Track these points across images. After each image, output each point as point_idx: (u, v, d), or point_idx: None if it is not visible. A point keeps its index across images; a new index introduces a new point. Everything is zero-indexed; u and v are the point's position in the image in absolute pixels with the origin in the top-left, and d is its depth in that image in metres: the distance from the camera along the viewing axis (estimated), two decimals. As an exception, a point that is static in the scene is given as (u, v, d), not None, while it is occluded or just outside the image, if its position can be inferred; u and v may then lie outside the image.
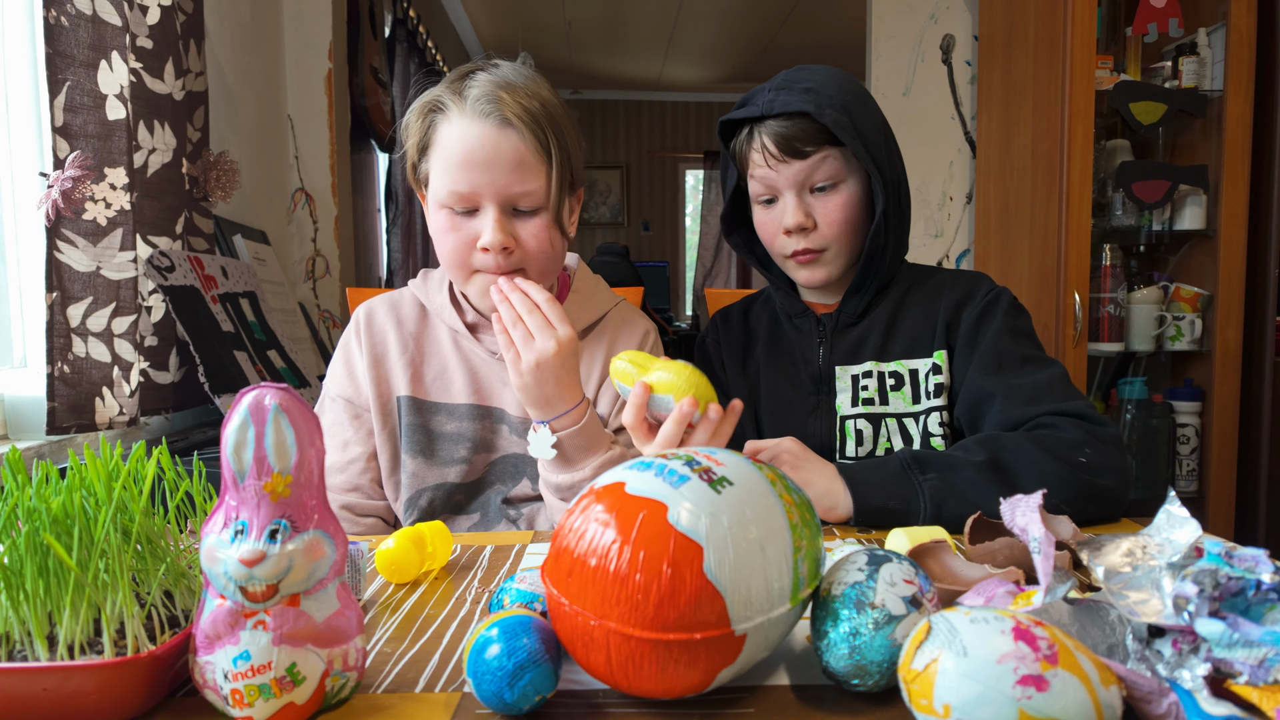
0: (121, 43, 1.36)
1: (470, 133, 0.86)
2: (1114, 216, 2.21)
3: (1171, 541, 0.54)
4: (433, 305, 1.03)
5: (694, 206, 7.24)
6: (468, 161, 0.87)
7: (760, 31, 5.17)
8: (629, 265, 4.40)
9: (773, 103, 0.95)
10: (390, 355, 1.01)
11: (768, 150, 0.96)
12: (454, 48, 4.71)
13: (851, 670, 0.45)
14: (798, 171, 0.96)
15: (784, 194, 0.98)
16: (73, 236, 1.29)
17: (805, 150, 0.95)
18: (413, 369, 1.00)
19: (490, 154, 0.86)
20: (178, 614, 0.54)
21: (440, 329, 1.02)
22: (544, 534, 0.86)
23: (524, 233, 0.90)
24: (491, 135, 0.86)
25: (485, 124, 0.86)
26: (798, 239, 0.99)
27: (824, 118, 0.93)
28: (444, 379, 1.00)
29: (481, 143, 0.86)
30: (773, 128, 0.95)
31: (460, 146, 0.87)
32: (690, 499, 0.45)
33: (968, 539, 0.66)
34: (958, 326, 0.99)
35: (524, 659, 0.44)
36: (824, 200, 0.98)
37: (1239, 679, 0.41)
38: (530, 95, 0.89)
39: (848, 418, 1.00)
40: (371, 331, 1.02)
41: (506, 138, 0.87)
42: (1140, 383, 2.22)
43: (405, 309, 1.04)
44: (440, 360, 1.01)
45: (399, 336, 1.01)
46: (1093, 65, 2.05)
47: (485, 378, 1.00)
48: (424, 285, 1.05)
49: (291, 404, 0.45)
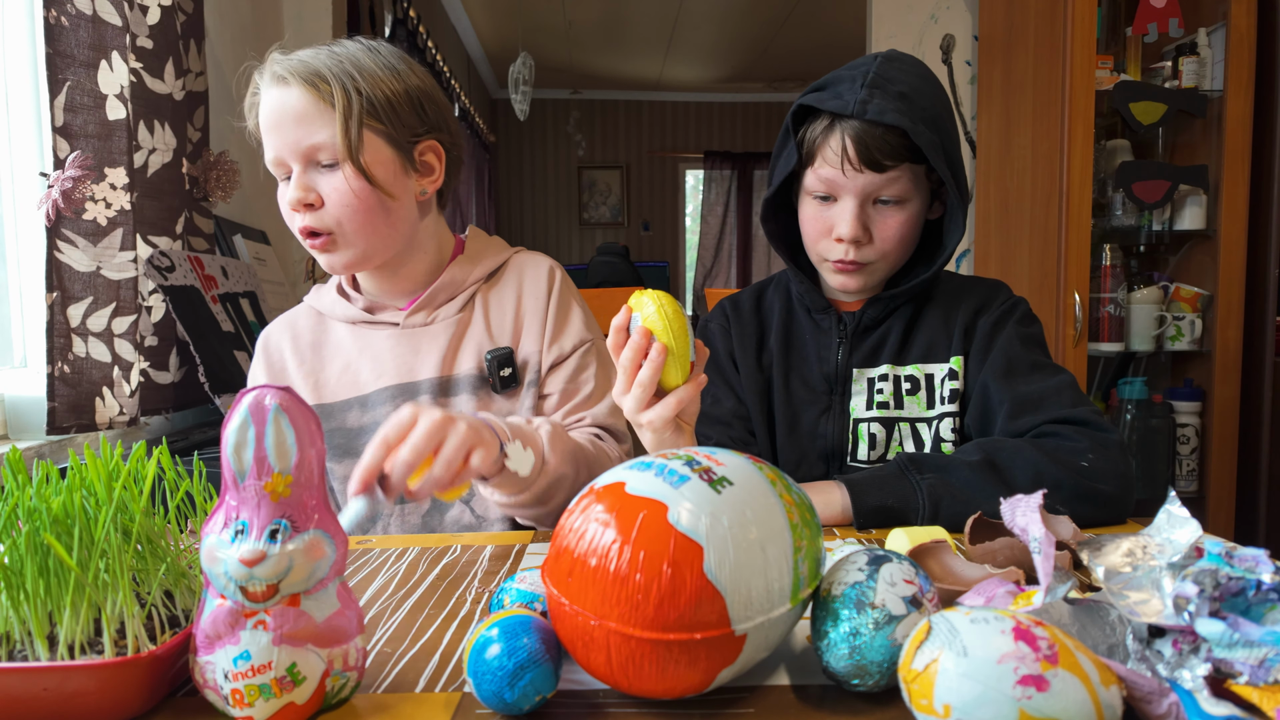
0: (122, 43, 1.36)
1: (267, 100, 0.89)
2: (1114, 216, 2.21)
3: (1172, 541, 0.54)
4: (324, 306, 1.03)
5: (694, 206, 7.24)
6: (266, 127, 0.89)
7: (760, 31, 5.17)
8: (629, 265, 4.40)
9: (865, 105, 0.87)
10: (289, 372, 1.01)
11: (846, 155, 0.89)
12: (454, 48, 4.71)
13: (851, 670, 0.45)
14: (868, 182, 0.90)
15: (844, 199, 0.92)
16: (73, 236, 1.29)
17: (885, 165, 0.89)
18: (313, 378, 1.00)
19: (277, 115, 0.88)
20: (178, 614, 0.54)
21: (337, 329, 1.02)
22: (544, 534, 0.86)
23: (325, 186, 0.89)
24: (276, 96, 0.88)
25: (273, 88, 0.89)
26: (848, 249, 0.93)
27: (919, 137, 0.86)
28: (349, 374, 0.99)
29: (269, 106, 0.88)
30: (859, 132, 0.88)
31: (262, 118, 0.90)
32: (690, 499, 0.45)
33: (968, 539, 0.66)
34: (974, 333, 0.98)
35: (524, 659, 0.44)
36: (886, 215, 0.92)
37: (1239, 679, 0.41)
38: (323, 54, 0.90)
39: (861, 420, 0.98)
40: (268, 354, 1.03)
41: (288, 94, 0.88)
42: (1140, 383, 2.22)
43: (301, 322, 1.04)
44: (342, 358, 1.00)
45: (295, 351, 1.02)
46: (1093, 65, 2.05)
47: (388, 357, 0.98)
48: (316, 295, 1.06)
49: (292, 404, 0.45)
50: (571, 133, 6.86)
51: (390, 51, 0.94)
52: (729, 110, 6.94)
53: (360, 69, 0.90)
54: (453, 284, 0.99)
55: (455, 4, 4.54)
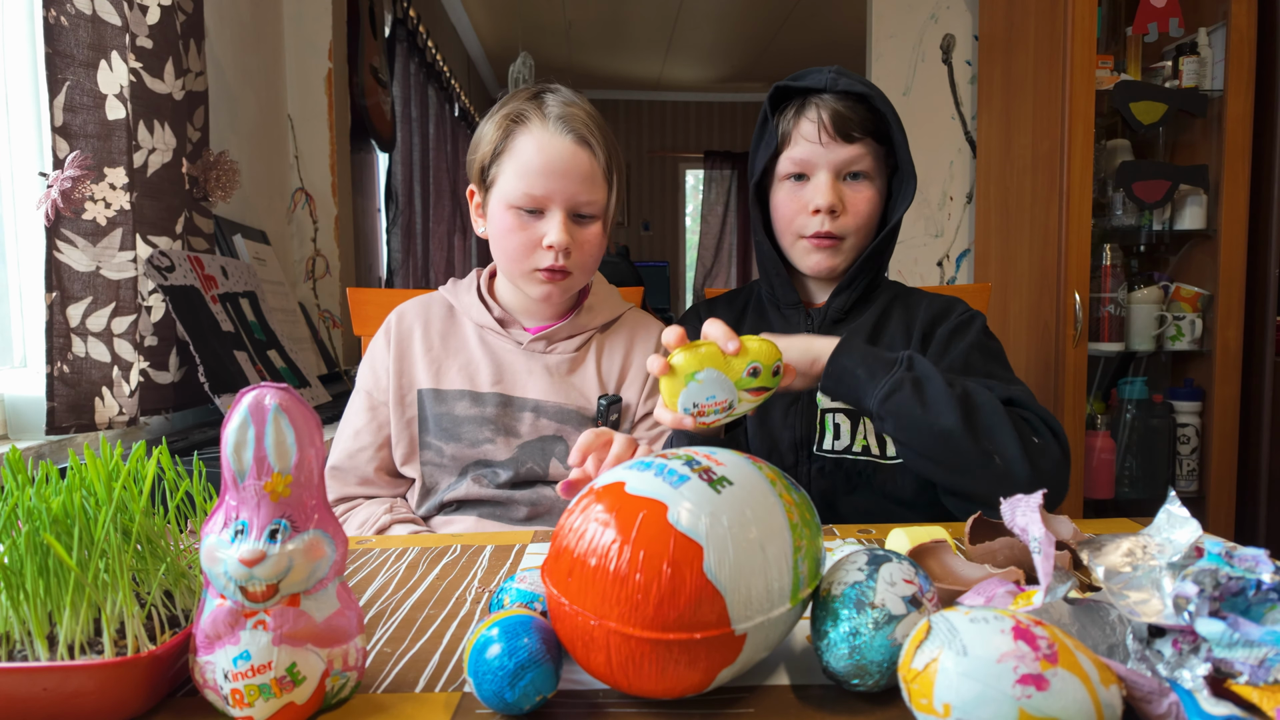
0: (121, 42, 1.36)
1: (551, 145, 0.98)
2: (1114, 216, 2.21)
3: (1172, 541, 0.54)
4: (460, 304, 1.12)
5: (694, 206, 7.24)
6: (547, 170, 0.98)
7: (760, 32, 5.17)
8: (629, 265, 4.40)
9: (836, 81, 0.99)
10: (414, 350, 1.10)
11: (823, 124, 0.99)
12: (454, 48, 4.71)
13: (851, 670, 0.45)
14: (840, 155, 0.99)
15: (818, 174, 1.01)
16: (72, 236, 1.29)
17: (854, 136, 0.99)
18: (436, 365, 1.09)
19: (567, 165, 0.98)
20: (178, 614, 0.54)
21: (466, 326, 1.11)
22: (544, 534, 0.87)
23: (582, 237, 1.02)
24: (570, 149, 0.99)
25: (565, 139, 0.99)
26: (824, 220, 1.00)
27: (880, 103, 0.99)
28: (468, 369, 1.08)
29: (560, 155, 0.98)
30: (831, 105, 0.99)
31: (541, 156, 0.98)
32: (690, 499, 0.45)
33: (968, 539, 0.66)
34: (930, 340, 1.02)
35: (525, 659, 0.44)
36: (855, 190, 1.01)
37: (1239, 679, 0.41)
38: (595, 120, 1.02)
39: (828, 411, 1.02)
40: (400, 329, 1.11)
41: (582, 152, 0.99)
42: (1140, 383, 2.22)
43: (434, 309, 1.13)
44: (466, 354, 1.09)
45: (424, 334, 1.10)
46: (1093, 65, 2.05)
47: (509, 368, 1.08)
48: (453, 289, 1.15)
49: (291, 404, 0.45)
50: (571, 133, 6.85)
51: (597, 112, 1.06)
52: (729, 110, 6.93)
53: (612, 139, 1.04)
54: (574, 327, 1.10)
55: (455, 4, 4.54)
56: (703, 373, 0.73)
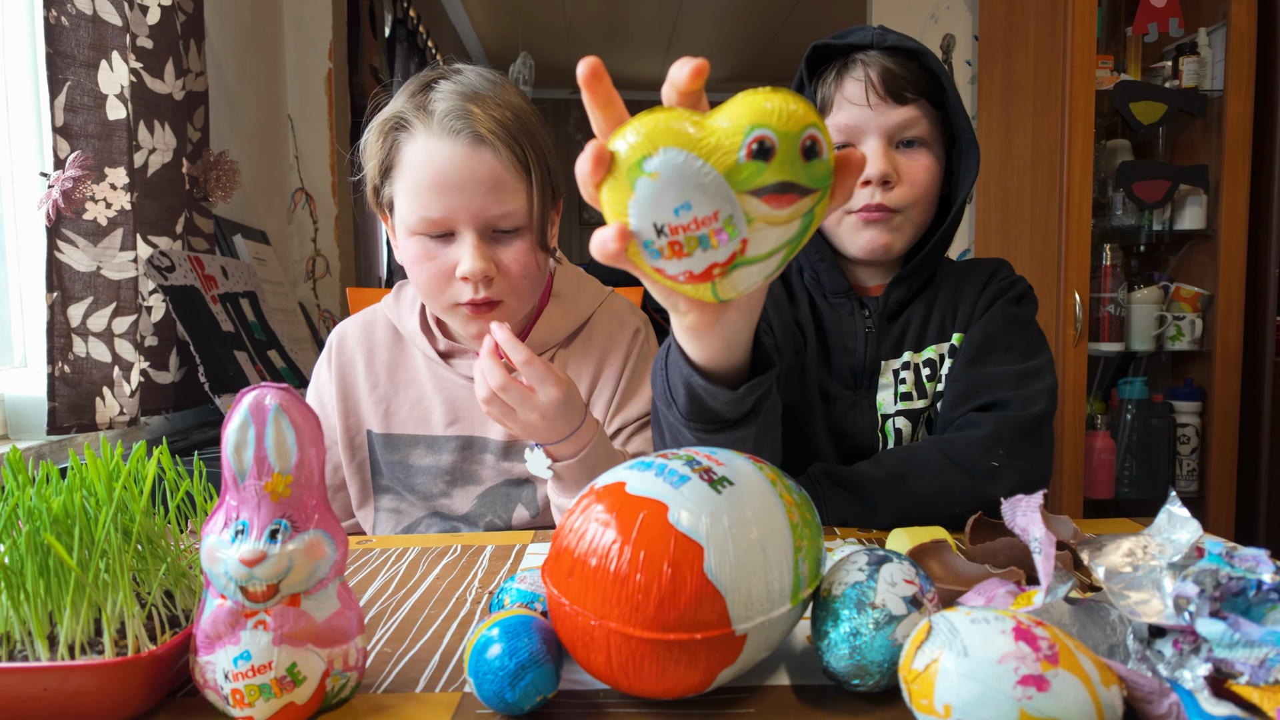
0: (122, 43, 1.36)
1: (439, 153, 0.79)
2: (1114, 216, 2.21)
3: (1172, 541, 0.54)
4: (406, 331, 0.97)
5: (694, 206, 7.23)
6: (439, 184, 0.80)
7: (760, 31, 5.17)
8: (629, 265, 4.39)
9: (884, 37, 0.86)
10: (360, 388, 0.96)
11: (871, 84, 0.85)
12: (454, 48, 4.71)
13: (852, 670, 0.45)
14: (893, 118, 0.85)
15: (867, 140, 0.86)
16: (73, 236, 1.29)
17: (906, 96, 0.85)
18: (385, 405, 0.96)
19: (464, 175, 0.79)
20: (178, 614, 0.54)
21: (415, 355, 0.97)
22: (544, 534, 0.86)
23: (505, 257, 0.83)
24: (463, 154, 0.79)
25: (455, 142, 0.79)
26: (874, 191, 0.86)
27: (931, 61, 0.85)
28: (420, 409, 0.95)
29: (453, 163, 0.79)
30: (880, 61, 0.85)
31: (429, 168, 0.80)
32: (690, 499, 0.45)
33: (968, 539, 0.66)
34: (972, 310, 0.93)
35: (525, 659, 0.44)
36: (910, 157, 0.87)
37: (1240, 679, 0.41)
38: (501, 105, 0.81)
39: (888, 416, 0.92)
40: (341, 360, 0.98)
41: (480, 156, 0.80)
42: (1140, 383, 2.22)
43: (378, 333, 0.99)
44: (416, 390, 0.95)
45: (369, 368, 0.97)
46: (1093, 65, 2.05)
47: (464, 405, 0.94)
48: (396, 306, 0.99)
49: (292, 404, 0.45)
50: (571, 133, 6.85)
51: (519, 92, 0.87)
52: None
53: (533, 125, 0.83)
54: (536, 346, 0.95)
55: (455, 4, 4.54)
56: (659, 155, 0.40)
